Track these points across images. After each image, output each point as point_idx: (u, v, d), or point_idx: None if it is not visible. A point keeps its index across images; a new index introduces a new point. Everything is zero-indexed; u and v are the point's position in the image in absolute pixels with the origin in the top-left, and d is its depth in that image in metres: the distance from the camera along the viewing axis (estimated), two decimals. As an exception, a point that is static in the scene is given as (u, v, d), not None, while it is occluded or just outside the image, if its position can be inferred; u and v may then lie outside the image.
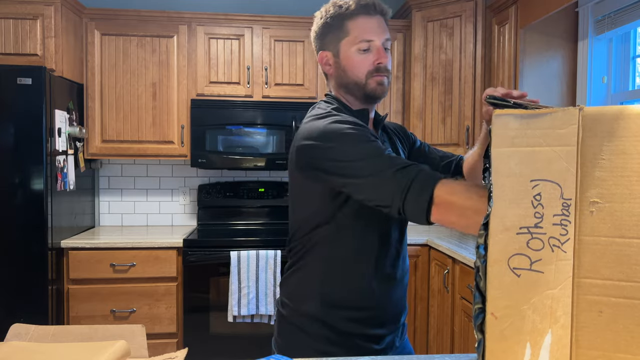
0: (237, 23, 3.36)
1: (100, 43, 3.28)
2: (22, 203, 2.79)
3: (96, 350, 1.06)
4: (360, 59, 1.27)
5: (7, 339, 1.14)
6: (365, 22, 1.26)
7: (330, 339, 1.26)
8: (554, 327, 0.76)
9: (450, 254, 2.79)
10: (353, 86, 1.30)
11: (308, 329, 1.28)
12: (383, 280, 1.29)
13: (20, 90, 2.76)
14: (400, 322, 1.37)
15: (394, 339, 1.36)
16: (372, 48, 1.26)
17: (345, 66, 1.29)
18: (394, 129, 1.50)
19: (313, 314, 1.27)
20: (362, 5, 1.26)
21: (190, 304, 3.05)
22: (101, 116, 3.29)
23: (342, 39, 1.28)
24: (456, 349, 2.72)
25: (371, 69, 1.27)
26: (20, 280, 2.80)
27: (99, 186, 3.65)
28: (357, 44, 1.26)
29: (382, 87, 1.28)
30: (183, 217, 3.71)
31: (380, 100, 1.33)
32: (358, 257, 1.27)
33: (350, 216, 1.23)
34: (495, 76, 3.04)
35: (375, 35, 1.26)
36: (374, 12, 1.27)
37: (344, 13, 1.27)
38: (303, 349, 1.24)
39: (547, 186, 0.76)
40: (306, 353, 1.21)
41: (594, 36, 2.66)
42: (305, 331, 1.28)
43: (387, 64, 1.28)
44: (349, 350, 1.23)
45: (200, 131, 3.28)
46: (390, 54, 1.33)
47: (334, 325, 1.26)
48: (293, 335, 1.30)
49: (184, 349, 1.13)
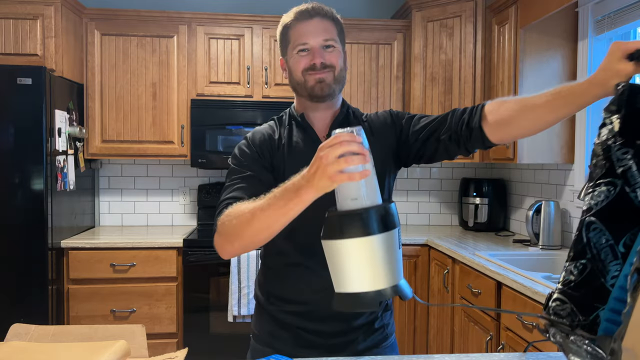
0: (237, 23, 3.36)
1: (100, 43, 3.28)
2: (22, 203, 2.80)
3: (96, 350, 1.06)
4: (298, 60, 1.37)
5: (7, 339, 1.14)
6: (302, 28, 1.36)
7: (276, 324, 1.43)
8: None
9: (450, 254, 2.79)
10: (297, 86, 1.41)
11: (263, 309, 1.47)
12: (315, 278, 1.34)
13: (20, 90, 2.77)
14: (353, 324, 1.38)
15: (353, 341, 1.38)
16: (309, 50, 1.35)
17: (290, 69, 1.40)
18: (372, 125, 1.44)
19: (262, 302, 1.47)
20: (298, 13, 1.37)
21: (190, 304, 3.05)
22: (101, 116, 3.29)
23: (287, 47, 1.40)
24: (456, 349, 2.72)
25: (306, 67, 1.35)
26: (20, 280, 2.80)
27: (99, 186, 3.65)
28: (295, 47, 1.36)
29: (322, 84, 1.35)
30: (183, 217, 3.71)
31: (326, 99, 1.38)
32: (288, 259, 1.39)
33: None
34: (495, 76, 3.04)
35: (310, 37, 1.34)
36: (309, 16, 1.35)
37: (287, 24, 1.39)
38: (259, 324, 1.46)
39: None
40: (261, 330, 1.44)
41: (594, 36, 2.66)
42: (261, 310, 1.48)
43: (322, 62, 1.34)
44: (295, 338, 1.38)
45: (200, 131, 3.28)
46: (339, 52, 1.37)
47: (275, 316, 1.42)
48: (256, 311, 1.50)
49: (184, 349, 1.13)
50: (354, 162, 0.92)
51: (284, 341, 1.39)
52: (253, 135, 1.43)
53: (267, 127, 1.46)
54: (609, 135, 0.89)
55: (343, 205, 0.96)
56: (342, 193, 0.96)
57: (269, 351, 1.38)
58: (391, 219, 0.95)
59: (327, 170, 0.94)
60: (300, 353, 1.34)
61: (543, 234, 2.80)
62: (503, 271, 2.22)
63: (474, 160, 3.27)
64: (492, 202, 3.47)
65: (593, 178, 0.92)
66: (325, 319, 1.37)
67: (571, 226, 2.81)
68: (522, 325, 2.02)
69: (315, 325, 1.37)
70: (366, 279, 0.94)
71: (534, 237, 2.88)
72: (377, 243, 0.92)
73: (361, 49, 3.44)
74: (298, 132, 1.42)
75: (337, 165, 0.93)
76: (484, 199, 3.46)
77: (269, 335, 1.41)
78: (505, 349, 2.17)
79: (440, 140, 1.34)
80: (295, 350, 1.35)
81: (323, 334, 1.38)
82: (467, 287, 2.55)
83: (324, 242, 0.96)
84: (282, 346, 1.38)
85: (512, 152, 2.85)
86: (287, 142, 1.40)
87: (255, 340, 1.46)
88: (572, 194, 2.80)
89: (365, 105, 3.44)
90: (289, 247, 1.37)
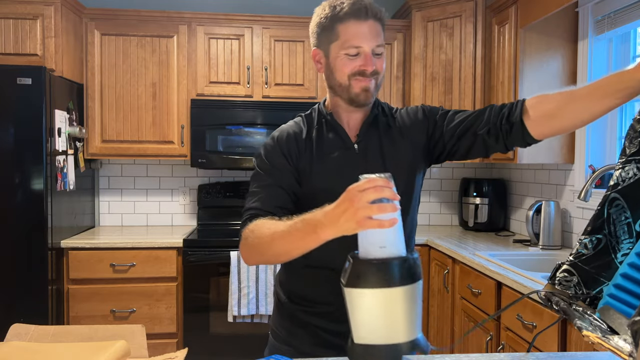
0: (237, 23, 3.36)
1: (100, 43, 3.28)
2: (22, 203, 2.79)
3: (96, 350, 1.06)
4: (346, 63, 1.28)
5: (7, 339, 1.14)
6: (356, 27, 1.26)
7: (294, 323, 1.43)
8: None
9: (450, 254, 2.79)
10: (338, 88, 1.32)
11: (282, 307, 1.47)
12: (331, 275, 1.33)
13: (20, 90, 2.76)
14: None
15: None
16: (361, 54, 1.27)
17: (333, 68, 1.31)
18: (403, 122, 1.40)
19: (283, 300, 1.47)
20: (355, 9, 1.26)
21: (190, 304, 3.05)
22: (101, 116, 3.29)
23: (333, 42, 1.29)
24: (456, 349, 2.73)
25: (354, 71, 1.28)
26: (20, 280, 2.80)
27: (99, 186, 3.65)
28: (345, 48, 1.27)
29: (367, 92, 1.30)
30: (183, 217, 3.71)
31: (366, 106, 1.34)
32: (308, 260, 1.35)
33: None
34: (495, 76, 3.04)
35: (364, 41, 1.26)
36: (365, 16, 1.26)
37: (337, 15, 1.27)
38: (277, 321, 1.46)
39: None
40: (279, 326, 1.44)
41: (594, 36, 2.66)
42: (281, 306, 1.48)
43: (373, 70, 1.28)
44: (314, 337, 1.37)
45: (200, 131, 3.28)
46: (384, 58, 1.33)
47: (295, 315, 1.41)
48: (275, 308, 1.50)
49: (184, 349, 1.13)
50: (387, 210, 0.89)
51: (302, 339, 1.39)
52: (280, 133, 1.37)
53: (294, 125, 1.39)
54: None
55: (369, 251, 0.92)
56: (368, 239, 0.92)
57: (287, 349, 1.38)
58: (417, 270, 0.92)
59: (357, 214, 0.90)
60: (319, 352, 1.34)
61: (543, 234, 2.80)
62: (503, 271, 2.22)
63: (474, 160, 3.27)
64: (492, 202, 3.47)
65: (626, 154, 0.90)
66: (345, 320, 1.36)
67: (571, 226, 2.81)
68: (522, 325, 2.02)
69: (335, 326, 1.35)
70: (385, 331, 0.91)
71: (534, 237, 2.88)
72: (401, 295, 0.89)
73: (361, 49, 3.43)
74: (328, 132, 1.37)
75: (368, 210, 0.89)
76: (484, 199, 3.46)
77: (288, 333, 1.42)
78: (505, 349, 2.17)
79: (477, 134, 1.29)
80: (313, 349, 1.35)
81: (342, 335, 1.37)
82: (467, 287, 2.55)
83: (346, 289, 0.93)
84: (300, 344, 1.38)
85: (512, 152, 2.85)
86: (317, 143, 1.35)
87: (274, 337, 1.46)
88: (572, 194, 2.80)
89: (365, 105, 3.44)
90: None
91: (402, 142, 1.38)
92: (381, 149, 1.36)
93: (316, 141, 1.35)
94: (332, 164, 1.33)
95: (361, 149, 1.35)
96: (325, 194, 1.31)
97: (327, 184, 1.30)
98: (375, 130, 1.38)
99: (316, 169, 1.33)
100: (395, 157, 1.36)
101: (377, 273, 0.89)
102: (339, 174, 1.31)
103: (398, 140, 1.38)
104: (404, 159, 1.37)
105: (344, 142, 1.35)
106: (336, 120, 1.37)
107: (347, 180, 1.32)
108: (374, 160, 1.35)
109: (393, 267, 0.89)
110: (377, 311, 0.90)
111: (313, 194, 1.31)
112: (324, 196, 1.32)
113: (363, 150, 1.35)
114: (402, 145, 1.38)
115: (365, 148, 1.35)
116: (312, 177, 1.33)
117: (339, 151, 1.35)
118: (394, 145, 1.37)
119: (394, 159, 1.36)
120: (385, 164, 1.35)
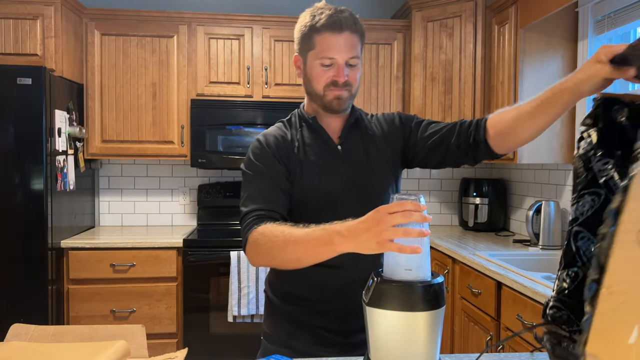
0: (237, 23, 3.36)
1: (100, 43, 3.28)
2: (22, 203, 2.79)
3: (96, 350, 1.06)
4: (321, 72, 1.34)
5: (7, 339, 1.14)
6: (331, 39, 1.31)
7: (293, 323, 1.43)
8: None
9: (450, 254, 2.79)
10: (314, 96, 1.38)
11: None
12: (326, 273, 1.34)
13: (20, 90, 2.76)
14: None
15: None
16: (334, 65, 1.32)
17: (309, 76, 1.37)
18: (380, 126, 1.46)
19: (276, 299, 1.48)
20: (331, 22, 1.31)
21: (190, 304, 3.05)
22: (101, 116, 3.29)
23: (310, 51, 1.35)
24: (456, 349, 2.72)
25: (328, 82, 1.34)
26: (20, 280, 2.80)
27: (99, 186, 3.65)
28: (320, 58, 1.33)
29: (339, 101, 1.35)
30: (183, 217, 3.71)
31: (340, 112, 1.39)
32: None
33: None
34: (495, 76, 3.04)
35: (338, 53, 1.31)
36: (340, 29, 1.31)
37: (314, 26, 1.32)
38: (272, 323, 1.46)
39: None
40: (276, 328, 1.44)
41: (594, 36, 2.66)
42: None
43: (345, 81, 1.33)
44: (315, 337, 1.38)
45: (200, 131, 3.28)
46: (359, 68, 1.37)
47: (293, 315, 1.41)
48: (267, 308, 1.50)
49: (184, 349, 1.13)
50: (412, 235, 0.89)
51: (302, 340, 1.38)
52: (266, 138, 1.40)
53: (277, 129, 1.44)
54: (587, 148, 0.91)
55: (394, 272, 0.92)
56: (394, 259, 0.92)
57: (285, 351, 1.37)
58: (441, 296, 0.92)
59: (381, 235, 0.90)
60: (319, 351, 1.34)
61: (543, 234, 2.80)
62: (503, 271, 2.22)
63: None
64: (492, 202, 3.47)
65: (577, 190, 0.94)
66: (345, 318, 1.37)
67: (571, 226, 2.81)
68: (522, 325, 2.02)
69: (336, 325, 1.36)
70: (403, 355, 0.90)
71: (534, 237, 2.88)
72: (423, 320, 0.89)
73: (361, 49, 3.43)
74: (311, 135, 1.41)
75: (392, 233, 0.89)
76: (484, 199, 3.46)
77: (287, 335, 1.40)
78: (505, 349, 2.16)
79: (449, 148, 1.37)
80: (314, 350, 1.35)
81: (343, 333, 1.37)
82: (467, 287, 2.55)
83: (367, 308, 0.92)
84: (300, 345, 1.37)
85: (512, 152, 2.85)
86: (302, 145, 1.39)
87: (269, 341, 1.44)
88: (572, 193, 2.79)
89: (365, 105, 3.44)
90: None
91: (383, 143, 1.44)
92: (365, 150, 1.41)
93: (300, 144, 1.40)
94: (317, 165, 1.37)
95: (344, 150, 1.40)
96: (312, 194, 1.36)
97: (314, 184, 1.35)
98: (356, 132, 1.43)
99: (303, 170, 1.36)
100: (378, 158, 1.42)
101: (401, 296, 0.89)
102: (324, 175, 1.36)
103: (379, 141, 1.44)
104: (386, 159, 1.43)
105: (327, 144, 1.40)
106: (318, 123, 1.42)
107: (332, 181, 1.36)
108: (359, 160, 1.40)
109: (417, 292, 0.89)
110: (398, 334, 0.90)
111: (301, 196, 1.35)
112: (311, 197, 1.36)
113: (347, 152, 1.40)
114: (383, 147, 1.44)
115: (349, 149, 1.40)
116: (304, 176, 1.36)
117: (323, 153, 1.39)
118: (376, 146, 1.43)
119: (377, 159, 1.41)
120: (370, 164, 1.40)
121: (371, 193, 1.38)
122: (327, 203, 1.34)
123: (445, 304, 0.92)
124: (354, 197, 1.35)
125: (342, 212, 1.14)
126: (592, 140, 0.89)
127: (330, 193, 1.35)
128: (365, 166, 1.39)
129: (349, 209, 1.17)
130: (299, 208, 1.35)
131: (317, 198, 1.35)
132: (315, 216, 1.21)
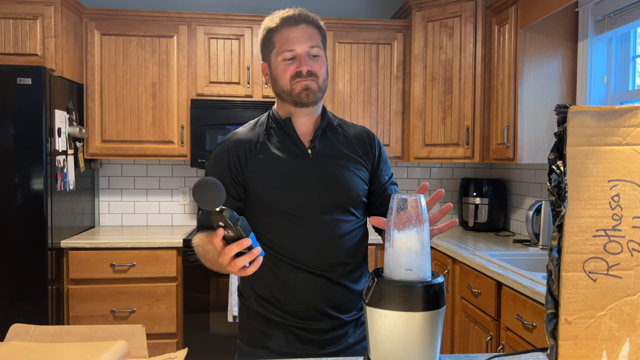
0: (237, 23, 3.36)
1: (100, 43, 3.28)
2: (22, 203, 2.79)
3: (96, 350, 1.06)
4: (284, 67, 1.38)
5: (7, 339, 1.14)
6: (288, 33, 1.37)
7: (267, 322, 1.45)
8: (632, 336, 0.72)
9: (450, 254, 2.79)
10: (282, 93, 1.41)
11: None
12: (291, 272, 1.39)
13: (20, 90, 2.76)
14: (345, 319, 1.40)
15: (345, 334, 1.40)
16: (296, 57, 1.36)
17: (275, 75, 1.41)
18: (355, 136, 1.49)
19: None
20: (285, 18, 1.38)
21: (190, 304, 3.05)
22: (101, 116, 3.29)
23: (271, 51, 1.41)
24: (456, 349, 2.72)
25: (293, 74, 1.37)
26: (20, 280, 2.80)
27: (98, 186, 3.65)
28: (281, 54, 1.37)
29: (308, 91, 1.37)
30: (183, 217, 3.71)
31: (310, 105, 1.40)
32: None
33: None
34: (495, 76, 3.04)
35: (296, 44, 1.36)
36: (295, 23, 1.37)
37: (271, 28, 1.40)
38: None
39: (627, 187, 0.72)
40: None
41: (594, 36, 2.66)
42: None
43: (308, 70, 1.36)
44: (290, 336, 1.39)
45: (200, 131, 3.28)
46: (324, 61, 1.40)
47: (266, 316, 1.42)
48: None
49: (184, 349, 1.13)
50: (244, 262, 1.05)
51: (278, 340, 1.39)
52: (229, 139, 1.44)
53: (245, 130, 1.47)
54: (558, 179, 0.91)
55: (395, 273, 0.92)
56: (394, 260, 0.93)
57: (262, 352, 1.38)
58: (441, 297, 0.92)
59: (230, 268, 1.07)
60: (296, 350, 1.36)
61: (543, 234, 2.80)
62: (503, 271, 2.22)
63: (474, 160, 3.27)
64: (492, 202, 3.47)
65: (554, 221, 0.95)
66: (318, 316, 1.38)
67: (571, 226, 2.81)
68: (522, 325, 2.02)
69: (309, 323, 1.37)
70: (403, 355, 0.91)
71: (534, 237, 2.88)
72: (423, 320, 0.90)
73: (361, 49, 3.44)
74: (280, 136, 1.42)
75: (234, 266, 1.06)
76: (484, 199, 3.46)
77: (262, 336, 1.41)
78: (505, 349, 2.17)
79: (372, 208, 1.48)
80: (290, 348, 1.36)
81: (318, 331, 1.38)
82: (467, 287, 2.55)
83: (367, 308, 0.93)
84: (276, 346, 1.38)
85: (512, 152, 2.85)
86: (269, 148, 1.40)
87: (246, 343, 1.44)
88: (572, 194, 2.79)
89: (366, 105, 3.44)
90: (271, 248, 1.38)
91: (354, 152, 1.46)
92: (335, 156, 1.42)
93: (269, 146, 1.40)
94: (285, 168, 1.38)
95: (315, 154, 1.40)
96: (279, 197, 1.37)
97: (281, 187, 1.36)
98: (327, 137, 1.44)
99: (266, 167, 1.37)
100: (347, 165, 1.42)
101: (401, 296, 0.89)
102: (292, 178, 1.37)
103: (351, 149, 1.45)
104: (356, 167, 1.44)
105: (297, 147, 1.40)
106: (292, 125, 1.42)
107: (300, 183, 1.37)
108: (327, 165, 1.40)
109: (418, 292, 0.89)
110: (398, 334, 0.90)
111: (264, 198, 1.37)
112: (276, 200, 1.38)
113: (317, 156, 1.40)
114: (354, 156, 1.45)
115: (319, 154, 1.41)
116: (257, 177, 1.37)
117: (292, 156, 1.40)
118: (345, 154, 1.44)
119: (346, 166, 1.42)
120: (338, 170, 1.40)
121: (340, 197, 1.39)
122: (292, 205, 1.36)
123: (445, 304, 0.93)
124: (324, 200, 1.37)
125: (309, 214, 1.30)
126: (561, 171, 0.90)
127: (296, 196, 1.37)
128: (335, 171, 1.40)
129: (316, 211, 1.35)
130: (262, 207, 1.39)
131: (283, 199, 1.37)
132: (280, 218, 1.35)
